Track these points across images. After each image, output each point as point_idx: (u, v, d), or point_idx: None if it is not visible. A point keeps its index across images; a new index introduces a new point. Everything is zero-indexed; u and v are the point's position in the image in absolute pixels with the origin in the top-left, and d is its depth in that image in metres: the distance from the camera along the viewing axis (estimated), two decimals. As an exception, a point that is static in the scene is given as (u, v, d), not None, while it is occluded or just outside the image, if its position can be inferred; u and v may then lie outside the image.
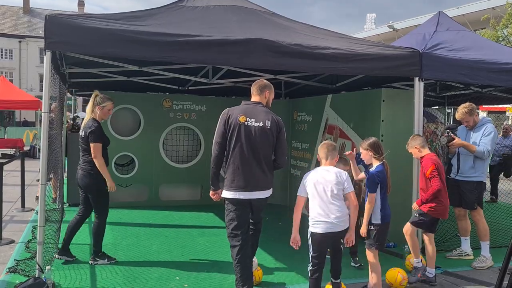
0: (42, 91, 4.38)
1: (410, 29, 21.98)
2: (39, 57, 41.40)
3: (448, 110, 10.14)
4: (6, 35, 41.82)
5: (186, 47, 4.33)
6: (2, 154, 17.34)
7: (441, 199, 4.58)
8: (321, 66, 4.85)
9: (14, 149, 17.67)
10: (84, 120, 5.00)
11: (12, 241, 5.77)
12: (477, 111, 5.52)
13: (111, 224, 6.43)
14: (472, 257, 5.48)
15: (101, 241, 5.00)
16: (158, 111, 8.36)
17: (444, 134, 5.48)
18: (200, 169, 8.42)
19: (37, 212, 4.63)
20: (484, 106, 20.61)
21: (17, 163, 8.47)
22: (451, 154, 5.57)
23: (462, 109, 5.35)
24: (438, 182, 4.48)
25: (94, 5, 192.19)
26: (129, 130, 8.29)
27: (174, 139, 8.62)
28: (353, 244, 4.02)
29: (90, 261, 4.96)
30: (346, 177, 3.87)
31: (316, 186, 3.80)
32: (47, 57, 4.15)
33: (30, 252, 5.17)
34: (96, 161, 4.77)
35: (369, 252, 4.19)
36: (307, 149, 7.87)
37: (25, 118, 35.88)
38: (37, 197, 7.58)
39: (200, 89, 8.75)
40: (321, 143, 4.03)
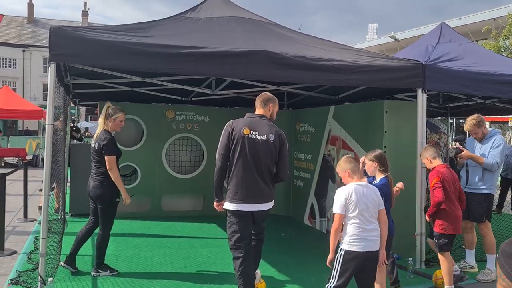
0: (46, 100, 4.40)
1: (412, 40, 22.09)
2: (43, 67, 41.59)
3: (450, 121, 10.09)
4: (10, 45, 42.10)
5: (190, 59, 4.35)
6: (5, 163, 17.39)
7: (448, 211, 4.48)
8: (324, 78, 4.87)
9: (17, 159, 17.71)
10: (96, 132, 5.00)
11: (14, 252, 5.75)
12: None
13: (113, 235, 6.33)
14: (477, 270, 5.42)
15: (104, 253, 4.99)
16: (161, 122, 8.36)
17: (453, 146, 5.44)
18: (203, 180, 8.41)
19: (40, 223, 4.61)
20: (487, 117, 20.59)
21: (20, 173, 8.46)
22: (460, 166, 5.51)
23: (471, 121, 5.26)
24: (439, 194, 4.40)
25: (98, 15, 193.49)
26: (132, 141, 8.29)
27: (177, 150, 8.61)
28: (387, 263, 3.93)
29: (92, 273, 4.93)
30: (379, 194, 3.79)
31: (358, 203, 3.62)
32: (52, 69, 4.16)
33: (33, 264, 5.14)
34: (112, 174, 4.77)
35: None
36: (310, 160, 7.86)
37: (28, 127, 35.98)
38: (40, 207, 7.58)
39: (203, 100, 8.77)
40: (344, 158, 3.85)
